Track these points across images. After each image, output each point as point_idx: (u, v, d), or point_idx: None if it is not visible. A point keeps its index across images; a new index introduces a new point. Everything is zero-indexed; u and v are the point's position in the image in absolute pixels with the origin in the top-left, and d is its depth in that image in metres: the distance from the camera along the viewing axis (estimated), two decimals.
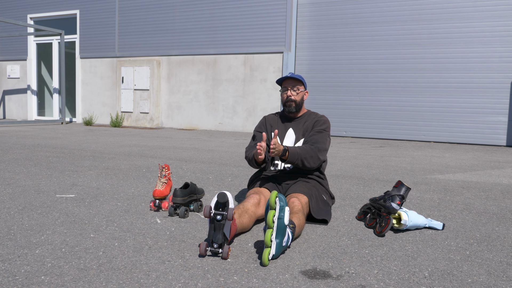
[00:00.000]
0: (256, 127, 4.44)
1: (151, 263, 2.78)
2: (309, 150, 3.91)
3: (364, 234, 3.50)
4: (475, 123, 11.70)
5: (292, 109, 4.22)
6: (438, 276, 2.66)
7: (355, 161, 7.86)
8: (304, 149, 3.90)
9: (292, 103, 4.19)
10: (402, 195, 3.52)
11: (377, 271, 2.72)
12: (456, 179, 6.17)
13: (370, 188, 5.47)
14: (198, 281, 2.51)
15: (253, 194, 3.74)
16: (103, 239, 3.23)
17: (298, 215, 3.36)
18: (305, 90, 4.26)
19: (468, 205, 4.63)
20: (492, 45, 11.46)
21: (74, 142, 10.04)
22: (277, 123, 4.35)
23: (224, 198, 2.96)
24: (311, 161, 3.91)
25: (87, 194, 4.76)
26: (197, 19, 15.22)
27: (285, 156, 3.80)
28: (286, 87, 4.20)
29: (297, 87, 4.18)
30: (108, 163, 6.93)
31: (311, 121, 4.24)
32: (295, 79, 4.18)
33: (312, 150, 3.92)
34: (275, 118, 4.40)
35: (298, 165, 3.90)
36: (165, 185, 4.14)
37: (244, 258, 2.90)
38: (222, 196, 2.97)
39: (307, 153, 3.88)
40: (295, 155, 3.83)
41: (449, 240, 3.37)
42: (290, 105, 4.20)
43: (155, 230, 3.48)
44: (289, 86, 4.18)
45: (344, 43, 13.21)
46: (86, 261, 2.80)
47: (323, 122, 4.21)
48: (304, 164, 3.90)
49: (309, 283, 2.51)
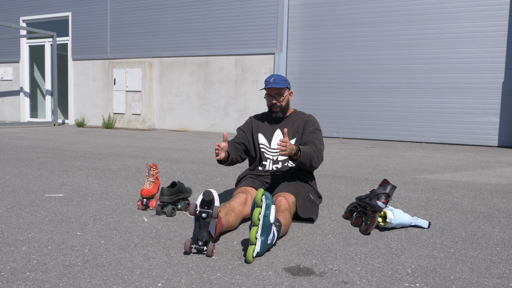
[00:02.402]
0: (242, 126, 4.43)
1: (136, 260, 2.79)
2: (315, 150, 3.91)
3: (350, 232, 3.52)
4: (467, 123, 11.75)
5: (279, 115, 4.23)
6: (421, 273, 2.68)
7: (345, 161, 7.88)
8: (312, 149, 3.89)
9: (278, 109, 4.20)
10: (387, 194, 3.54)
11: (360, 268, 2.74)
12: (445, 179, 6.20)
13: (358, 187, 5.49)
14: (182, 278, 2.52)
15: (240, 193, 3.74)
16: (90, 237, 3.23)
17: (284, 213, 3.37)
18: (289, 91, 4.24)
19: (456, 204, 4.66)
20: (483, 45, 11.52)
21: (65, 143, 10.03)
22: (264, 124, 4.34)
23: (210, 196, 2.97)
24: (317, 161, 3.93)
25: (75, 193, 4.76)
26: (189, 21, 15.23)
27: (297, 155, 3.75)
28: (270, 94, 4.19)
29: (282, 93, 4.16)
30: (98, 164, 6.93)
31: (300, 121, 4.24)
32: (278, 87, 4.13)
33: (318, 151, 3.93)
34: (262, 119, 4.39)
35: (306, 165, 3.87)
36: (153, 184, 4.15)
37: (229, 256, 2.91)
38: (208, 194, 2.98)
39: (314, 154, 3.88)
40: (306, 155, 3.79)
41: (434, 238, 3.39)
42: (276, 111, 4.21)
43: (142, 229, 3.49)
44: (273, 93, 4.16)
45: (335, 44, 13.24)
46: (71, 258, 2.80)
47: (313, 122, 4.22)
48: (312, 164, 3.89)
49: (291, 280, 2.52)
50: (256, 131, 4.31)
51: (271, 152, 4.21)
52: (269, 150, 4.22)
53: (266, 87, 4.11)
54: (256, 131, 4.31)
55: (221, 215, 3.27)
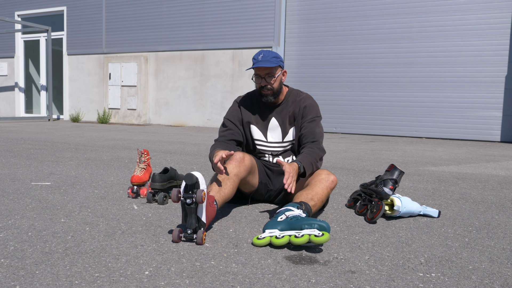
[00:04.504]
0: (228, 114, 3.72)
1: (122, 247, 2.54)
2: (317, 151, 3.40)
3: (354, 221, 3.28)
4: (469, 118, 11.52)
5: (270, 99, 3.53)
6: (436, 262, 2.44)
7: (345, 154, 7.65)
8: (312, 153, 3.38)
9: (268, 92, 3.50)
10: (395, 179, 3.30)
11: (368, 257, 2.49)
12: (450, 171, 5.97)
13: (360, 178, 5.25)
14: (172, 266, 2.27)
15: (238, 152, 3.32)
16: (74, 224, 2.99)
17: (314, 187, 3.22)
18: (282, 71, 3.54)
19: (464, 194, 4.42)
20: (486, 38, 11.28)
21: (58, 136, 9.79)
22: (255, 112, 3.68)
23: (192, 179, 2.65)
24: (320, 159, 3.48)
25: (64, 182, 4.51)
26: (185, 14, 14.99)
27: (301, 173, 3.26)
28: (259, 75, 3.50)
29: (273, 73, 3.46)
30: (90, 155, 6.68)
31: (296, 106, 3.60)
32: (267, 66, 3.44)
33: (319, 150, 3.43)
34: (251, 106, 3.71)
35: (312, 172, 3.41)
36: (144, 171, 3.89)
37: (224, 243, 2.66)
38: (189, 177, 2.65)
39: (317, 156, 3.39)
40: (310, 166, 3.30)
41: (446, 228, 3.15)
42: (267, 95, 3.52)
43: (131, 216, 3.24)
44: (262, 74, 3.47)
45: (334, 37, 13.00)
46: (52, 245, 2.56)
47: (311, 107, 3.60)
48: (318, 166, 3.44)
49: (293, 268, 2.28)
50: (248, 124, 3.66)
51: (269, 146, 3.66)
52: (267, 145, 3.66)
53: (253, 66, 3.44)
54: (248, 124, 3.66)
55: (213, 194, 2.98)
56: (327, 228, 2.60)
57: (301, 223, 2.66)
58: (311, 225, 2.62)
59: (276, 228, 2.72)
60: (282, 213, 2.84)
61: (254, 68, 3.44)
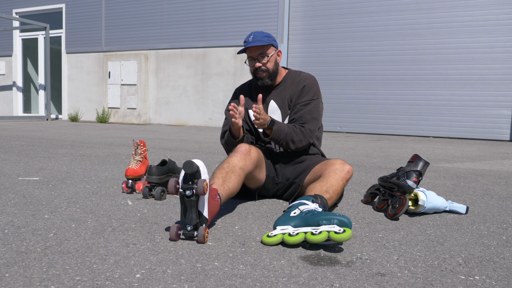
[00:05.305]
0: (228, 105, 3.34)
1: (111, 246, 2.20)
2: (298, 132, 3.17)
3: (374, 218, 2.93)
4: (477, 116, 11.16)
5: (267, 81, 3.29)
6: (476, 263, 2.09)
7: (353, 151, 7.30)
8: (293, 130, 3.15)
9: (263, 74, 3.26)
10: (419, 171, 2.95)
11: (397, 257, 2.15)
12: (466, 168, 5.62)
13: (373, 174, 4.91)
14: (168, 267, 1.93)
15: (242, 144, 3.01)
16: (59, 221, 2.64)
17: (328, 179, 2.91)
18: (276, 50, 3.28)
19: (488, 190, 4.07)
20: (495, 34, 10.92)
21: (54, 134, 9.45)
22: (253, 96, 3.46)
23: (193, 168, 2.28)
24: (298, 144, 3.19)
25: (53, 177, 4.16)
26: (186, 11, 14.65)
27: (270, 130, 3.08)
28: (252, 58, 3.24)
29: (265, 53, 3.21)
30: (85, 151, 6.34)
31: (295, 87, 3.34)
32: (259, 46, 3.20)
33: (302, 133, 3.18)
34: (250, 91, 3.50)
35: (282, 145, 3.19)
36: (140, 163, 3.53)
37: (229, 242, 2.32)
38: (189, 165, 2.29)
39: (296, 135, 3.14)
40: (281, 133, 3.09)
41: (478, 225, 2.81)
42: (262, 77, 3.27)
43: (124, 212, 2.89)
44: (254, 55, 3.22)
45: (338, 34, 12.65)
46: (30, 243, 2.21)
47: (310, 87, 3.32)
48: (289, 146, 3.18)
49: (312, 271, 1.94)
50: (247, 107, 3.43)
51: None
52: None
53: (245, 47, 3.21)
54: (247, 107, 3.43)
55: (216, 187, 2.64)
56: (348, 223, 2.25)
57: (318, 218, 2.31)
58: (330, 220, 2.27)
59: (289, 225, 2.38)
60: (295, 207, 2.50)
61: (246, 50, 3.22)
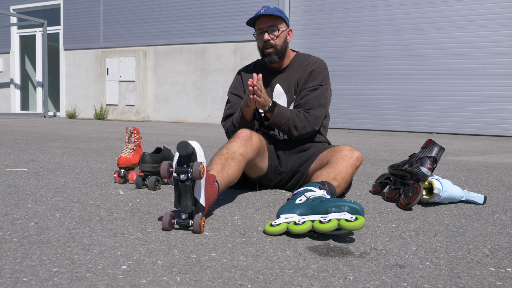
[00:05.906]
0: (231, 87, 3.37)
1: (96, 236, 1.97)
2: (302, 118, 2.97)
3: (385, 207, 2.71)
4: (481, 112, 10.93)
5: (274, 59, 3.09)
6: (506, 254, 1.88)
7: (356, 146, 7.07)
8: (297, 115, 2.95)
9: (271, 50, 3.06)
10: (434, 157, 2.73)
11: (416, 248, 1.93)
12: (476, 161, 5.40)
13: (379, 166, 4.69)
14: (159, 258, 1.71)
15: (243, 129, 2.80)
16: (42, 210, 2.42)
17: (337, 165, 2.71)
18: (287, 28, 3.13)
19: (502, 182, 3.85)
20: (499, 28, 10.70)
21: (50, 129, 9.23)
22: None
23: (188, 149, 2.05)
24: (302, 131, 2.98)
25: (43, 168, 3.94)
26: (185, 7, 14.42)
27: (270, 112, 2.88)
28: (261, 29, 3.06)
29: (276, 27, 3.03)
30: (80, 144, 6.11)
31: (303, 71, 3.17)
32: (271, 15, 3.02)
33: (306, 119, 2.98)
34: (254, 71, 3.31)
35: (284, 131, 2.99)
36: (133, 152, 3.31)
37: (228, 232, 2.10)
38: (184, 146, 2.05)
39: (299, 121, 2.95)
40: (282, 117, 2.89)
41: (499, 215, 2.59)
42: (269, 54, 3.07)
43: (114, 202, 2.67)
44: (264, 27, 3.04)
45: (340, 29, 12.43)
46: (7, 232, 2.00)
47: (318, 72, 3.14)
48: (292, 132, 2.97)
49: (321, 262, 1.72)
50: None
51: None
52: None
53: (255, 16, 3.02)
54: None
55: (214, 173, 2.41)
56: (361, 211, 2.03)
57: (327, 205, 2.09)
58: (340, 207, 2.05)
59: (294, 213, 2.16)
60: (301, 194, 2.28)
61: (256, 21, 3.05)
